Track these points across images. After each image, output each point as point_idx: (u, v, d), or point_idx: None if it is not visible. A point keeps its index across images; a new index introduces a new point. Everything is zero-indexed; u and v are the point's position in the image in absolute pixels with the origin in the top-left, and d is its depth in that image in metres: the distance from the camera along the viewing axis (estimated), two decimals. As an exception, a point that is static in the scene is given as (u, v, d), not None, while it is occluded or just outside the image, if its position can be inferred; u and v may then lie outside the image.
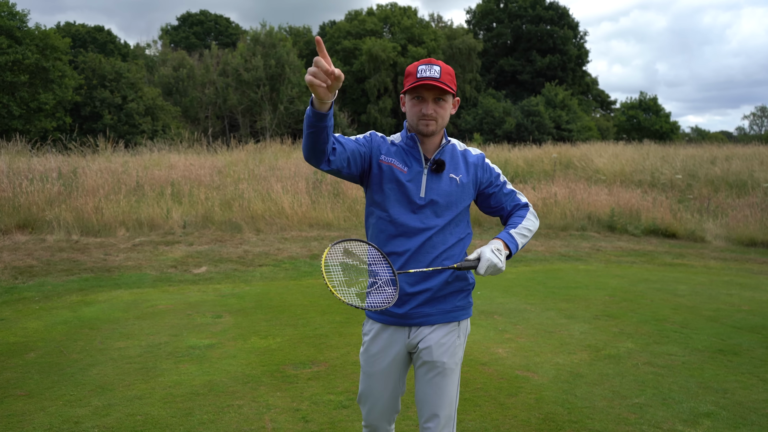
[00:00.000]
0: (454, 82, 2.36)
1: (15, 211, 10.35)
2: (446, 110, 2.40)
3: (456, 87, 2.40)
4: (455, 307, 2.45)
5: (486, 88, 54.45)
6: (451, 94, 2.37)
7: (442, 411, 2.41)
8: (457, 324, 2.46)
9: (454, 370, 2.43)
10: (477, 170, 2.50)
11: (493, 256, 2.29)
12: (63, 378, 4.45)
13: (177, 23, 64.09)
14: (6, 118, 29.37)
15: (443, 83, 2.30)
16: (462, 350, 2.48)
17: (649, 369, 4.74)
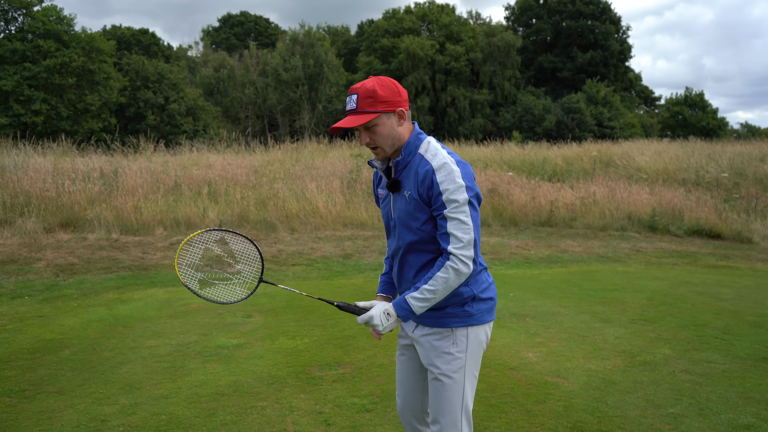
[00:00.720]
0: (378, 101, 2.25)
1: (58, 210, 10.64)
2: (384, 133, 2.31)
3: (387, 101, 2.27)
4: (447, 314, 2.38)
5: (525, 85, 53.73)
6: (381, 115, 2.27)
7: (443, 417, 2.39)
8: (450, 330, 2.39)
9: (452, 379, 2.37)
10: (420, 185, 2.29)
11: (379, 318, 2.33)
12: (94, 376, 4.53)
13: (218, 25, 65.12)
14: (54, 119, 30.32)
15: (361, 112, 2.26)
16: (462, 361, 2.39)
17: (687, 377, 4.56)
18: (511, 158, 19.78)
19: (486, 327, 2.47)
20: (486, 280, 2.46)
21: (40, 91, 29.49)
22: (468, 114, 50.23)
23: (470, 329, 2.40)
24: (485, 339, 2.48)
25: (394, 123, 2.31)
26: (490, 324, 2.49)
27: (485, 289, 2.44)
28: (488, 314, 2.46)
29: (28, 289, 7.53)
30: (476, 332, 2.42)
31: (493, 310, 2.48)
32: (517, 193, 13.10)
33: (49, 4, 31.70)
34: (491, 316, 2.48)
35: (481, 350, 2.45)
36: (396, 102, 2.29)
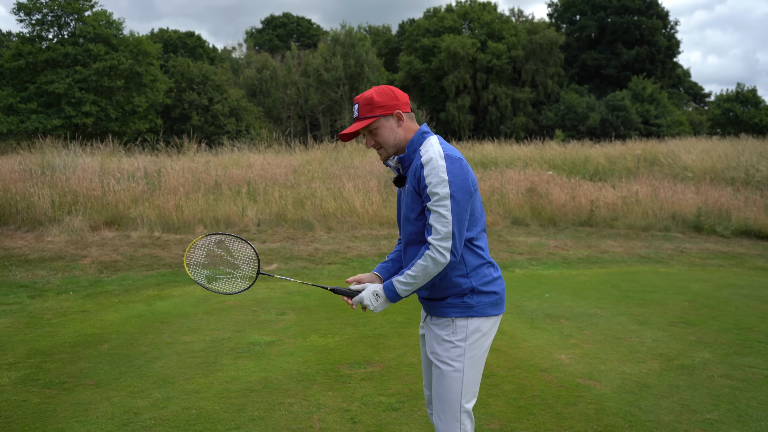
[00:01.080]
0: (376, 106, 2.45)
1: (104, 208, 10.96)
2: (384, 134, 2.48)
3: (383, 106, 2.45)
4: (447, 304, 2.47)
5: (568, 83, 52.84)
6: (380, 118, 2.46)
7: (441, 405, 2.47)
8: (450, 320, 2.47)
9: (451, 367, 2.45)
10: (413, 179, 2.43)
11: (369, 299, 2.46)
12: (130, 369, 4.65)
13: (261, 26, 66.05)
14: (104, 120, 31.25)
15: (361, 119, 2.47)
16: (461, 350, 2.45)
17: (726, 382, 4.41)
18: (552, 157, 19.47)
19: (489, 320, 2.51)
20: (490, 275, 2.51)
21: (90, 93, 30.44)
22: (510, 112, 49.69)
23: (470, 320, 2.46)
24: (488, 332, 2.51)
25: (394, 125, 2.49)
26: (494, 318, 2.53)
27: (488, 283, 2.49)
28: (492, 308, 2.50)
29: (74, 285, 7.78)
30: (477, 324, 2.47)
31: (498, 304, 2.53)
32: (557, 193, 12.89)
33: (100, 9, 32.71)
34: (497, 311, 2.52)
35: (484, 343, 2.50)
36: (393, 105, 2.48)
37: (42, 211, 10.60)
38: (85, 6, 32.10)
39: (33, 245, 9.81)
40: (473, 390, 2.48)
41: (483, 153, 21.09)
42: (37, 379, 4.46)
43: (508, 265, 9.16)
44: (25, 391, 4.24)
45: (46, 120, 29.02)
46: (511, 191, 13.00)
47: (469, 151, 22.15)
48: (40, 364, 4.80)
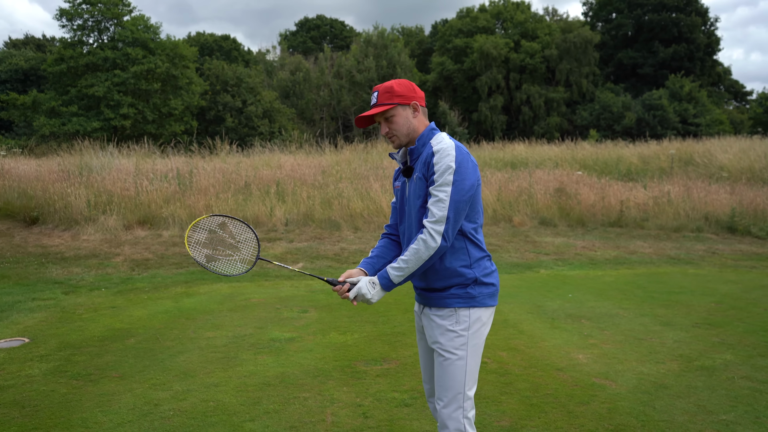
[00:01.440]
0: (395, 95, 2.54)
1: (137, 208, 11.26)
2: (399, 122, 2.57)
3: (402, 95, 2.55)
4: (451, 294, 2.53)
5: (604, 82, 52.04)
6: (397, 107, 2.55)
7: (445, 393, 2.53)
8: (453, 310, 2.53)
9: (455, 356, 2.51)
10: (423, 167, 2.52)
11: (366, 288, 2.51)
12: (154, 363, 4.80)
13: (295, 29, 66.70)
14: (141, 123, 31.98)
15: (380, 105, 2.55)
16: (464, 339, 2.52)
17: (746, 384, 4.34)
18: (583, 157, 19.24)
19: (488, 310, 2.59)
20: (489, 267, 2.60)
21: (128, 96, 31.19)
22: (543, 112, 49.17)
23: (472, 310, 2.53)
24: (487, 322, 2.60)
25: (409, 114, 2.59)
26: (492, 309, 2.61)
27: (488, 275, 2.58)
28: (490, 299, 2.59)
29: (106, 282, 8.03)
30: (479, 314, 2.54)
31: (495, 296, 2.61)
32: (586, 193, 12.75)
33: (138, 14, 33.51)
34: (493, 301, 2.61)
35: (484, 332, 2.58)
36: (411, 96, 2.58)
37: (78, 211, 10.93)
38: (124, 11, 32.91)
39: (69, 243, 10.14)
40: (474, 377, 2.56)
41: (513, 153, 20.95)
42: (65, 371, 4.64)
43: (534, 266, 9.12)
44: (54, 381, 4.42)
45: (86, 122, 29.85)
46: (539, 191, 12.90)
47: (499, 152, 22.03)
48: (70, 356, 4.98)
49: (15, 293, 7.37)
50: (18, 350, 5.19)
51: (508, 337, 5.45)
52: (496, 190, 12.92)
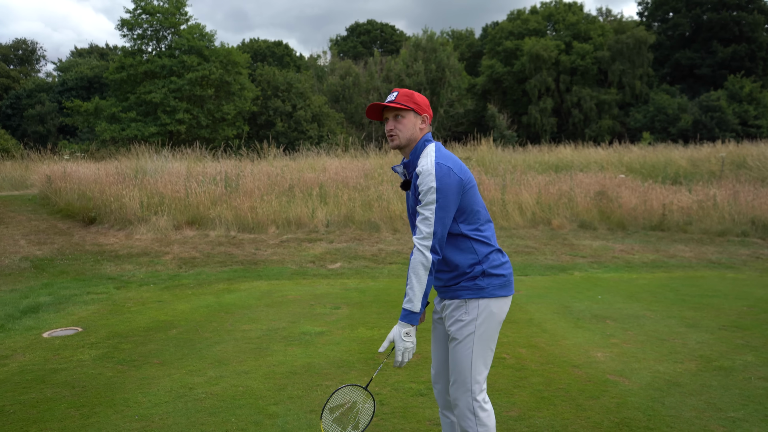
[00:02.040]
0: (413, 101, 2.77)
1: (186, 209, 11.81)
2: (407, 124, 2.78)
3: (419, 104, 2.78)
4: (461, 287, 2.76)
5: (659, 83, 50.75)
6: (411, 111, 2.77)
7: (455, 376, 2.77)
8: (463, 301, 2.75)
9: (463, 342, 2.73)
10: (414, 184, 2.78)
11: (401, 343, 2.67)
12: (192, 352, 5.16)
13: (346, 34, 67.54)
14: (195, 128, 33.13)
15: (398, 103, 2.75)
16: (472, 327, 2.72)
17: (762, 384, 4.37)
18: (630, 160, 18.95)
19: (500, 301, 2.78)
20: (498, 259, 2.80)
21: (184, 102, 32.38)
22: (595, 115, 48.30)
23: (481, 301, 2.73)
24: (498, 312, 2.78)
25: (418, 122, 2.83)
26: (505, 299, 2.80)
27: (497, 266, 2.78)
28: (501, 289, 2.77)
29: (155, 278, 8.52)
30: (487, 304, 2.74)
31: (507, 286, 2.80)
32: (627, 196, 12.63)
33: (194, 23, 34.73)
34: (505, 291, 2.79)
35: (494, 321, 2.76)
36: (425, 109, 2.83)
37: (132, 212, 11.56)
38: (181, 20, 34.19)
39: (123, 242, 10.74)
40: (483, 363, 2.75)
41: (559, 156, 20.80)
42: (112, 357, 5.05)
43: (568, 268, 9.16)
44: (101, 366, 4.82)
45: (144, 127, 31.14)
46: (579, 194, 12.86)
47: (545, 155, 21.89)
48: (117, 344, 5.40)
49: (72, 287, 7.92)
50: (72, 338, 5.65)
51: (530, 335, 5.59)
52: (536, 193, 12.95)
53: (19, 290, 7.81)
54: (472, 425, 2.71)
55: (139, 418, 3.82)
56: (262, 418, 3.80)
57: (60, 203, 13.56)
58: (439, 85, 48.88)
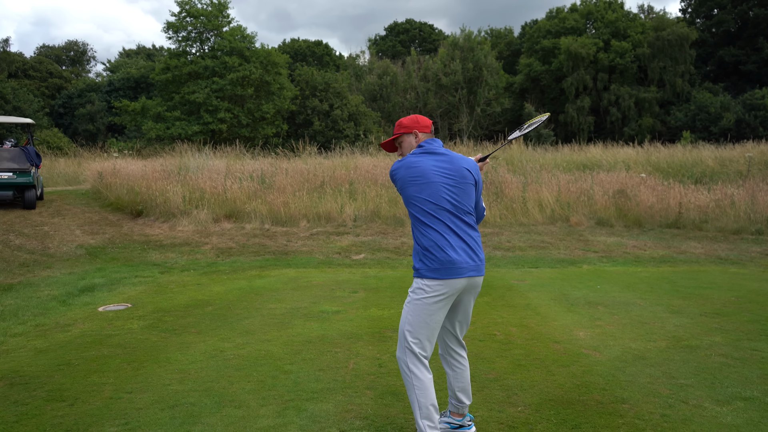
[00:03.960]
0: (402, 126, 3.52)
1: (224, 203, 12.73)
2: (404, 145, 3.54)
3: (407, 127, 3.50)
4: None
5: (701, 81, 49.97)
6: (403, 134, 3.52)
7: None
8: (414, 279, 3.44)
9: (405, 305, 3.43)
10: None
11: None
12: (224, 324, 5.97)
13: (384, 33, 68.28)
14: (236, 126, 34.35)
15: (394, 134, 3.58)
16: (409, 297, 3.40)
17: (721, 360, 4.91)
18: (659, 160, 19.18)
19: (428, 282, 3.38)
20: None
21: (225, 101, 33.63)
22: (634, 113, 47.88)
23: (415, 279, 3.45)
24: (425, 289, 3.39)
25: (411, 140, 3.53)
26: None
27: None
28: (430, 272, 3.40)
29: (195, 265, 9.41)
30: (415, 280, 3.42)
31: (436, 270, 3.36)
32: (646, 195, 13.02)
33: (236, 25, 35.99)
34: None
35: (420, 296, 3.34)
36: (411, 127, 3.52)
37: (175, 205, 12.53)
38: (223, 23, 35.48)
39: (167, 233, 11.71)
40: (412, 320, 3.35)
41: (587, 156, 21.12)
42: (156, 327, 5.89)
43: (578, 262, 9.70)
44: (148, 333, 5.66)
45: (187, 126, 32.49)
46: (598, 193, 13.30)
47: (575, 154, 22.20)
48: (161, 317, 6.25)
49: (122, 272, 8.87)
50: (122, 312, 6.53)
51: (524, 317, 6.22)
52: (556, 191, 13.45)
53: (76, 273, 8.79)
54: None
55: (178, 371, 4.62)
56: (278, 374, 4.55)
57: (110, 197, 14.66)
58: (476, 84, 49.18)
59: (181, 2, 34.68)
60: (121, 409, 3.91)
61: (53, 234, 11.48)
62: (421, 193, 3.33)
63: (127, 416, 3.80)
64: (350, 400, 4.06)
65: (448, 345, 3.58)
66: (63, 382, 4.41)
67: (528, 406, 3.99)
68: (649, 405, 4.00)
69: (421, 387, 3.25)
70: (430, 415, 3.23)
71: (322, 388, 4.26)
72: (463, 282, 3.32)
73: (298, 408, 3.92)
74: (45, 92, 50.81)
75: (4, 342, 5.47)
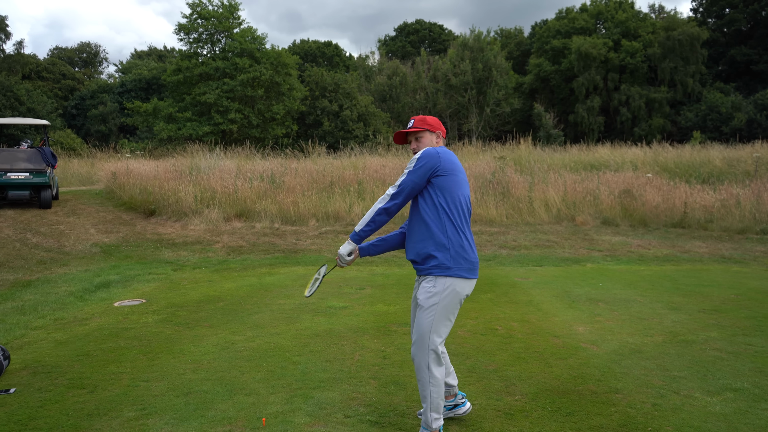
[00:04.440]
0: (426, 123, 3.58)
1: (235, 203, 12.98)
2: (424, 141, 3.59)
3: (431, 125, 3.59)
4: (431, 266, 3.44)
5: (712, 81, 49.77)
6: (426, 131, 3.59)
7: (414, 335, 3.50)
8: (434, 278, 3.44)
9: (425, 308, 3.43)
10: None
11: (341, 249, 3.68)
12: (235, 318, 6.19)
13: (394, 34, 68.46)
14: (246, 127, 34.67)
15: (416, 128, 3.60)
16: (437, 298, 3.39)
17: (715, 354, 5.07)
18: (666, 160, 19.24)
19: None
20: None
21: (235, 102, 33.95)
22: (644, 114, 47.77)
23: (445, 278, 3.45)
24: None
25: (434, 139, 3.64)
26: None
27: None
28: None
29: (206, 263, 9.65)
30: (446, 280, 3.45)
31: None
32: (651, 195, 13.13)
33: (246, 26, 36.31)
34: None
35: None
36: (437, 127, 3.64)
37: (187, 205, 12.79)
38: (234, 24, 35.82)
39: (179, 232, 11.97)
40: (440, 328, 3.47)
41: (595, 156, 21.20)
42: (170, 321, 6.11)
43: (582, 260, 9.85)
44: (162, 327, 5.89)
45: (198, 127, 32.84)
46: (604, 192, 13.43)
47: (584, 154, 22.29)
48: (174, 312, 6.48)
49: (136, 269, 9.12)
50: (137, 307, 6.77)
51: (526, 312, 6.40)
52: (562, 191, 13.59)
53: (92, 270, 9.05)
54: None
55: (192, 362, 4.84)
56: (287, 364, 4.76)
57: (124, 197, 14.95)
58: (485, 84, 49.27)
59: (192, 4, 35.06)
60: (138, 395, 4.13)
61: (69, 233, 11.77)
62: (459, 189, 3.44)
63: (144, 402, 4.01)
64: (355, 389, 4.26)
65: None
66: (83, 371, 4.64)
67: (525, 395, 4.17)
68: (641, 395, 4.17)
69: (436, 385, 3.42)
70: (439, 408, 3.45)
71: (328, 378, 4.47)
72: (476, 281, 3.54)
73: (305, 396, 4.12)
74: (58, 93, 51.45)
75: (26, 334, 5.72)
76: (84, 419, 3.76)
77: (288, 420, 3.73)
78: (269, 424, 3.67)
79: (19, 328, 5.91)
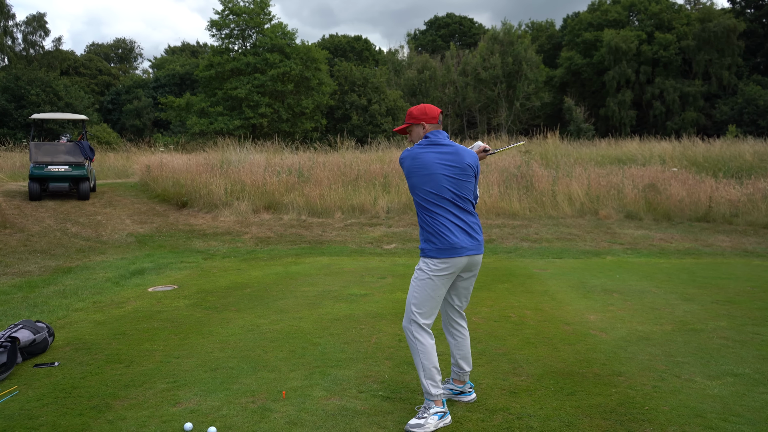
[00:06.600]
0: (411, 117, 3.82)
1: (263, 195, 13.37)
2: (413, 134, 3.85)
3: (416, 117, 3.79)
4: (421, 251, 3.79)
5: (750, 73, 48.70)
6: (412, 125, 3.83)
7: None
8: (420, 259, 3.80)
9: (411, 281, 3.80)
10: None
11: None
12: (261, 304, 6.52)
13: (425, 28, 68.42)
14: (276, 121, 35.22)
15: (404, 123, 3.88)
16: (415, 275, 3.75)
17: (722, 342, 5.21)
18: (695, 154, 19.08)
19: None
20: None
21: (266, 97, 34.51)
22: (677, 107, 47.01)
23: (421, 258, 3.77)
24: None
25: (420, 130, 3.86)
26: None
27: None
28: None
29: (235, 253, 10.03)
30: (421, 260, 3.76)
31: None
32: (676, 189, 13.13)
33: (277, 22, 36.82)
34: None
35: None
36: (420, 118, 3.83)
37: (218, 197, 13.22)
38: (265, 20, 36.36)
39: (210, 223, 12.40)
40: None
41: (623, 150, 21.11)
42: (200, 305, 6.48)
43: (603, 253, 9.97)
44: (192, 310, 6.26)
45: (229, 121, 33.49)
46: (628, 186, 13.46)
47: (611, 149, 22.20)
48: (204, 297, 6.85)
49: (169, 258, 9.54)
50: (170, 292, 7.15)
51: (540, 302, 6.60)
52: (585, 185, 13.66)
53: (127, 258, 9.51)
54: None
55: (219, 342, 5.18)
56: (307, 345, 5.06)
57: (157, 189, 15.48)
58: (515, 78, 49.01)
59: (224, 0, 35.66)
60: (170, 370, 4.47)
61: (105, 223, 12.29)
62: (425, 184, 3.69)
63: (175, 376, 4.35)
64: (370, 368, 4.54)
65: (450, 317, 4.01)
66: (119, 348, 5.01)
67: (530, 376, 4.40)
68: (643, 378, 4.36)
69: (424, 351, 3.68)
70: (433, 376, 3.67)
71: (345, 358, 4.75)
72: (464, 260, 3.73)
73: (323, 373, 4.42)
74: (95, 89, 52.78)
75: (68, 315, 6.13)
76: (121, 389, 4.11)
77: (306, 394, 4.03)
78: (289, 396, 3.97)
79: (62, 310, 6.33)
